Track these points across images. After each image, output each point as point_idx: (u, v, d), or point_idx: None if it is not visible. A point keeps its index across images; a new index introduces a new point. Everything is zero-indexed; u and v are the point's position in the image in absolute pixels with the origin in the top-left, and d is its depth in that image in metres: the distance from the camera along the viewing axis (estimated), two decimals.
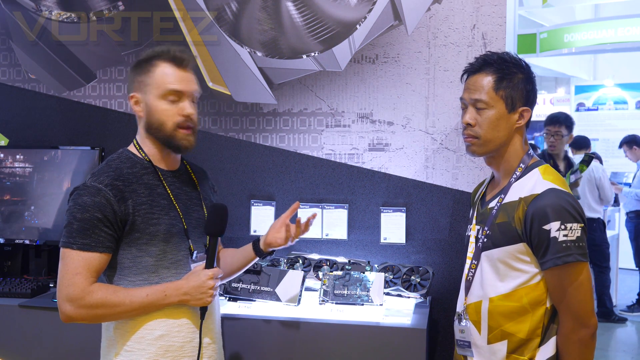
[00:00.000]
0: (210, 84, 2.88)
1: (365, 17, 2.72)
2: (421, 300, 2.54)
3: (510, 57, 1.81)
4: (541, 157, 4.51)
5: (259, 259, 1.97)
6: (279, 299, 2.45)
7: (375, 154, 2.76)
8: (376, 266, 2.65)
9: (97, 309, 1.67)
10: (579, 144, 5.96)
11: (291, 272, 2.50)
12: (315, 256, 2.73)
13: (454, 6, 2.65)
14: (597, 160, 5.77)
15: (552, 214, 1.67)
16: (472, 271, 1.84)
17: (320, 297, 2.49)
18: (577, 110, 9.18)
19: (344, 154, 2.79)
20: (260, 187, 2.86)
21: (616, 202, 6.75)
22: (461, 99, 1.84)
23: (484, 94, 1.77)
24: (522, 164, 1.81)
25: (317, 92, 2.81)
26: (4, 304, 2.53)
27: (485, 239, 1.79)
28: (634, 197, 6.46)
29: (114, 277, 1.76)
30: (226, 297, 2.51)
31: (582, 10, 9.31)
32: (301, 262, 2.70)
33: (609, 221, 6.52)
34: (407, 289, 2.56)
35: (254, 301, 2.48)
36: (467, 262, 1.87)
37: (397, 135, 2.74)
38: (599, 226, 5.62)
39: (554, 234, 1.66)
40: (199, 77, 1.89)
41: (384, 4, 2.69)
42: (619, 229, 7.06)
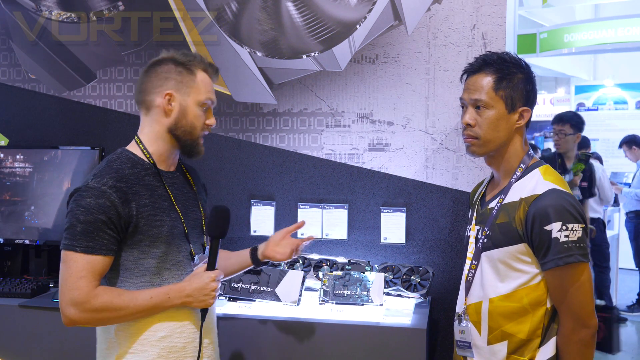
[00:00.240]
0: None
1: (365, 17, 2.72)
2: (421, 300, 2.54)
3: (510, 57, 1.80)
4: (551, 156, 4.51)
5: (255, 267, 2.06)
6: (279, 299, 2.45)
7: (375, 154, 2.76)
8: (376, 266, 2.65)
9: (101, 313, 1.66)
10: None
11: (291, 272, 2.51)
12: (315, 256, 2.73)
13: (454, 6, 2.65)
14: (597, 160, 5.77)
15: (553, 215, 1.66)
16: (472, 272, 1.84)
17: (320, 297, 2.49)
18: (577, 110, 9.16)
19: (344, 154, 2.79)
20: (260, 187, 2.86)
21: (616, 202, 6.75)
22: (461, 99, 1.84)
23: (483, 94, 1.76)
24: (522, 164, 1.80)
25: (317, 92, 2.81)
26: (4, 304, 2.53)
27: (485, 240, 1.79)
28: (633, 197, 6.46)
29: (115, 280, 1.75)
30: (226, 297, 2.51)
31: (582, 10, 9.30)
32: (301, 262, 2.70)
33: (609, 221, 6.51)
34: (407, 289, 2.56)
35: (254, 301, 2.48)
36: (467, 262, 1.87)
37: (397, 135, 2.74)
38: (598, 226, 5.60)
39: (555, 234, 1.66)
40: None
41: (384, 4, 2.69)
42: (619, 229, 7.04)
